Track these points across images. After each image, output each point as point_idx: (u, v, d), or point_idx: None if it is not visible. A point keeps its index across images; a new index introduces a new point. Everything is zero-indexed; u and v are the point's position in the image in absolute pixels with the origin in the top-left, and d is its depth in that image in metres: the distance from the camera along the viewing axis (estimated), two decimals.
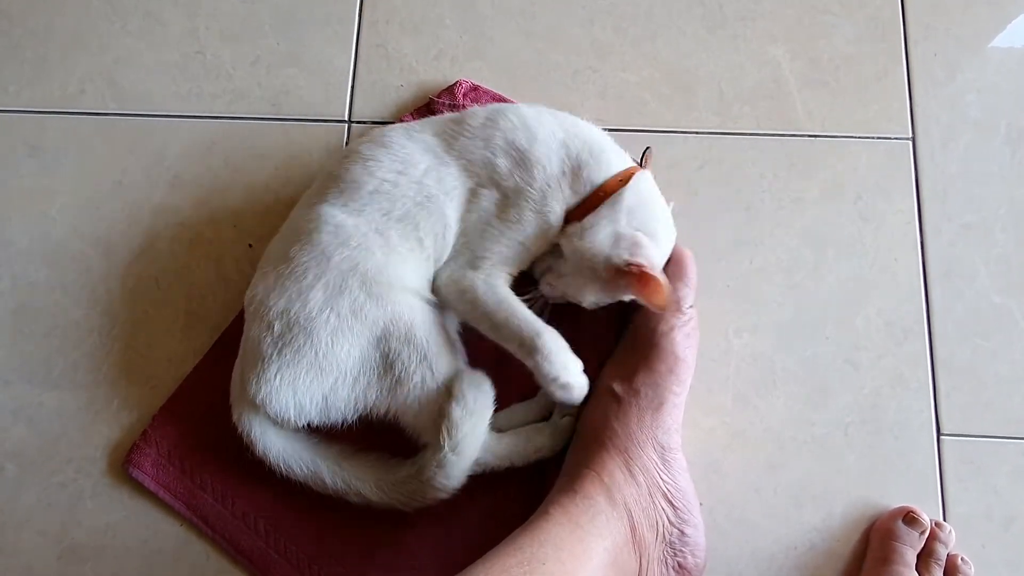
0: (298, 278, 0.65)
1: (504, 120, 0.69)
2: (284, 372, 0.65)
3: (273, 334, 0.65)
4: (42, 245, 0.80)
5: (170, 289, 0.78)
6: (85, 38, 0.86)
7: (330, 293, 0.65)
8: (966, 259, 0.78)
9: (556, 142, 0.68)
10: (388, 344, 0.65)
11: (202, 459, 0.72)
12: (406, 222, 0.67)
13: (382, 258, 0.66)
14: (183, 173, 0.81)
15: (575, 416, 0.70)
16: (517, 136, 0.68)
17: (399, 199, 0.67)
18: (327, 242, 0.66)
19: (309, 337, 0.64)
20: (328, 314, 0.64)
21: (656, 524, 0.63)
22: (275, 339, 0.65)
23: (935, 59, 0.83)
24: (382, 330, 0.65)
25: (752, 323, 0.76)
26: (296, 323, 0.65)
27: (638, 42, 0.85)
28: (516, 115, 0.69)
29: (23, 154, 0.82)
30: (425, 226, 0.67)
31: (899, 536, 0.68)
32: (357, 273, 0.65)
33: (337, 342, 0.64)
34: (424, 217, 0.67)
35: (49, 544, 0.72)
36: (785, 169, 0.80)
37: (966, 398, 0.74)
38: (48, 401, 0.75)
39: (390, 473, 0.67)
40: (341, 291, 0.65)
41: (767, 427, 0.74)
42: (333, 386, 0.65)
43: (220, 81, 0.84)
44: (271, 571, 0.70)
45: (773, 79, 0.83)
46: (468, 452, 0.64)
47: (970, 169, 0.80)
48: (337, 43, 0.85)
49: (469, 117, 0.70)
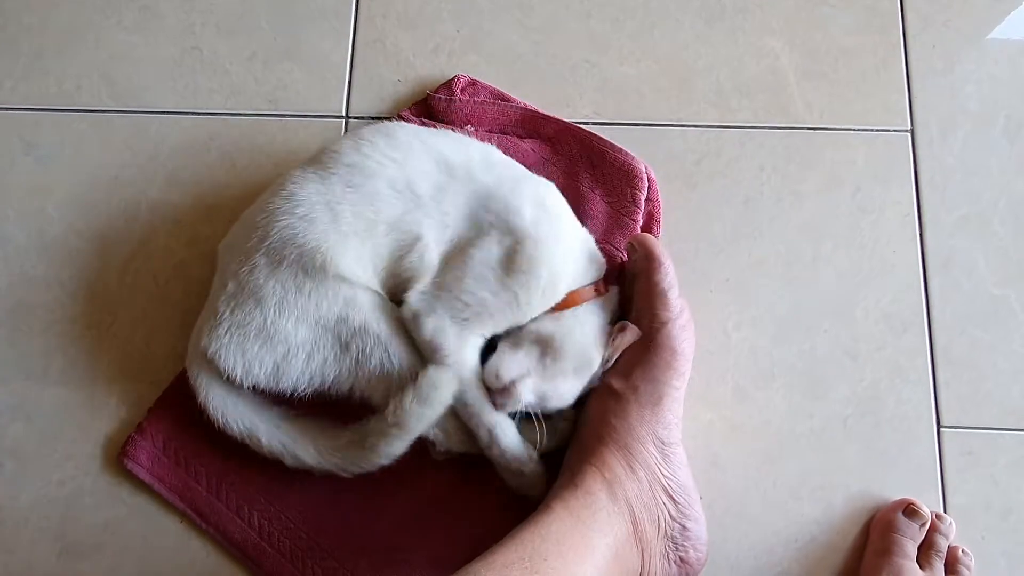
0: (247, 239, 0.66)
1: (537, 182, 0.71)
2: (234, 332, 0.65)
3: (227, 292, 0.66)
4: (39, 241, 0.79)
5: (168, 286, 0.78)
6: (80, 33, 0.85)
7: (272, 261, 0.65)
8: (965, 251, 0.78)
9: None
10: (341, 328, 0.65)
11: (197, 452, 0.72)
12: (366, 203, 0.65)
13: (321, 234, 0.65)
14: (180, 170, 0.81)
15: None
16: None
17: (375, 178, 0.66)
18: (276, 207, 0.66)
19: (259, 304, 0.65)
20: (273, 284, 0.65)
21: (657, 519, 0.63)
22: (228, 297, 0.66)
23: (934, 51, 0.83)
24: (336, 317, 0.64)
25: (751, 316, 0.76)
26: (246, 287, 0.65)
27: (636, 35, 0.85)
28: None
29: (19, 151, 0.82)
30: (388, 214, 0.66)
31: (899, 528, 0.68)
32: (295, 245, 0.65)
33: (283, 315, 0.64)
34: (395, 208, 0.66)
35: (48, 541, 0.72)
36: (783, 162, 0.80)
37: (965, 390, 0.74)
38: (46, 398, 0.75)
39: (331, 439, 0.67)
40: (280, 262, 0.65)
41: (766, 420, 0.74)
42: (285, 356, 0.65)
43: (216, 77, 0.84)
44: (264, 564, 0.70)
45: (771, 71, 0.83)
46: (414, 431, 0.64)
47: (969, 161, 0.80)
48: (334, 38, 0.85)
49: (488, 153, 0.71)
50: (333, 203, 0.66)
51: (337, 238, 0.65)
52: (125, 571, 0.71)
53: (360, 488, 0.71)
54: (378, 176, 0.67)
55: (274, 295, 0.65)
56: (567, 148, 0.78)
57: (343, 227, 0.65)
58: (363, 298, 0.66)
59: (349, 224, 0.65)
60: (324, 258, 0.64)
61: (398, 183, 0.67)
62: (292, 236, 0.65)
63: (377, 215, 0.66)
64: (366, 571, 0.69)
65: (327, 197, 0.66)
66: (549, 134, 0.79)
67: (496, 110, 0.80)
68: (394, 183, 0.66)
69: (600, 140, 0.78)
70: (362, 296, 0.66)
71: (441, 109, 0.80)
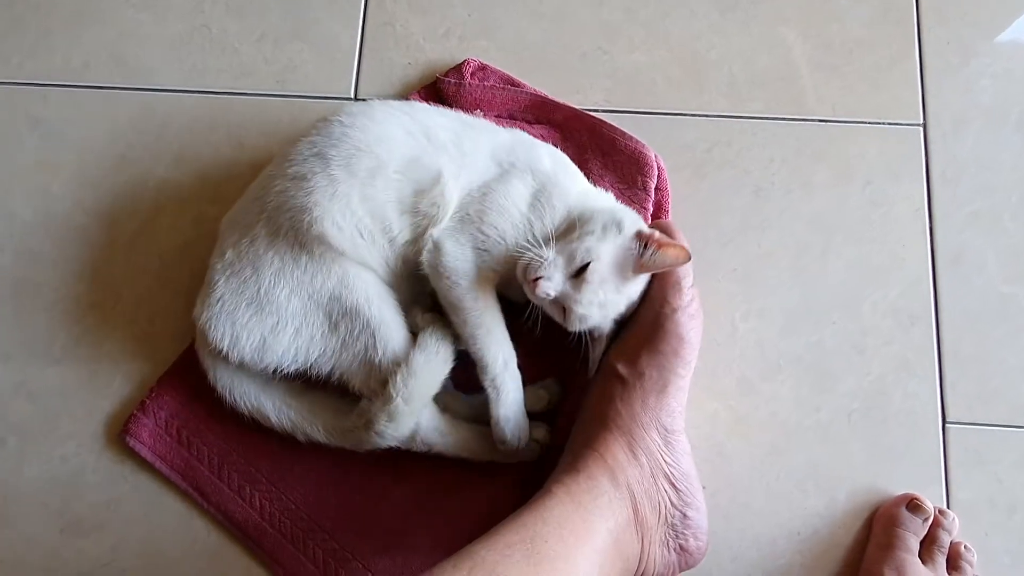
0: (247, 211, 0.67)
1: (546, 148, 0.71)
2: (226, 301, 0.65)
3: (224, 260, 0.66)
4: (45, 219, 0.79)
5: (173, 265, 0.78)
6: (89, 10, 0.85)
7: (270, 231, 0.65)
8: (975, 247, 0.77)
9: None
10: (333, 306, 0.65)
11: (199, 431, 0.72)
12: (371, 145, 0.65)
13: (310, 188, 0.64)
14: (186, 149, 0.81)
15: (541, 442, 0.69)
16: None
17: (385, 124, 0.66)
18: (271, 172, 0.67)
19: (255, 273, 0.65)
20: (272, 255, 0.65)
21: (659, 506, 0.63)
22: (225, 266, 0.66)
23: (948, 45, 0.83)
24: (329, 294, 0.64)
25: (759, 307, 0.76)
26: (245, 256, 0.66)
27: (648, 23, 0.84)
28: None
29: (26, 127, 0.82)
30: (401, 155, 0.65)
31: (903, 523, 0.68)
32: (286, 209, 0.65)
33: (278, 286, 0.65)
34: (409, 150, 0.65)
35: (51, 517, 0.72)
36: (794, 153, 0.80)
37: (972, 386, 0.74)
38: (50, 376, 0.75)
39: (338, 419, 0.67)
40: (277, 232, 0.65)
41: (772, 412, 0.74)
42: (273, 329, 0.65)
43: (225, 56, 0.84)
44: (265, 543, 0.70)
45: (784, 62, 0.82)
46: (418, 403, 0.64)
47: (981, 156, 0.80)
48: (344, 19, 0.84)
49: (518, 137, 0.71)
50: (326, 149, 0.65)
51: (327, 186, 0.64)
52: (127, 549, 0.71)
53: (363, 471, 0.71)
54: (388, 122, 0.66)
55: (271, 265, 0.65)
56: (577, 135, 0.78)
57: (333, 170, 0.64)
58: (359, 279, 0.65)
59: (342, 168, 0.64)
60: (311, 216, 0.64)
61: (412, 129, 0.67)
62: (285, 200, 0.65)
63: (388, 155, 0.65)
64: (367, 553, 0.69)
65: (320, 147, 0.65)
66: (559, 120, 0.79)
67: (506, 95, 0.79)
68: (408, 128, 0.66)
69: (610, 127, 0.77)
70: (358, 276, 0.65)
71: (450, 93, 0.79)
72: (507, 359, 0.66)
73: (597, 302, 0.63)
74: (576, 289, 0.62)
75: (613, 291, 0.64)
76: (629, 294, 0.65)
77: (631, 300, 0.66)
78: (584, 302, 0.62)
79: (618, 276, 0.64)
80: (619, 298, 0.65)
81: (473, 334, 0.65)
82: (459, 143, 0.67)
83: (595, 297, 0.63)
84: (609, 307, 0.64)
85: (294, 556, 0.70)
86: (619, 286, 0.64)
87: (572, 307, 0.63)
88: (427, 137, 0.67)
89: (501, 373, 0.65)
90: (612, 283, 0.63)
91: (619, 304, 0.65)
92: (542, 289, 0.61)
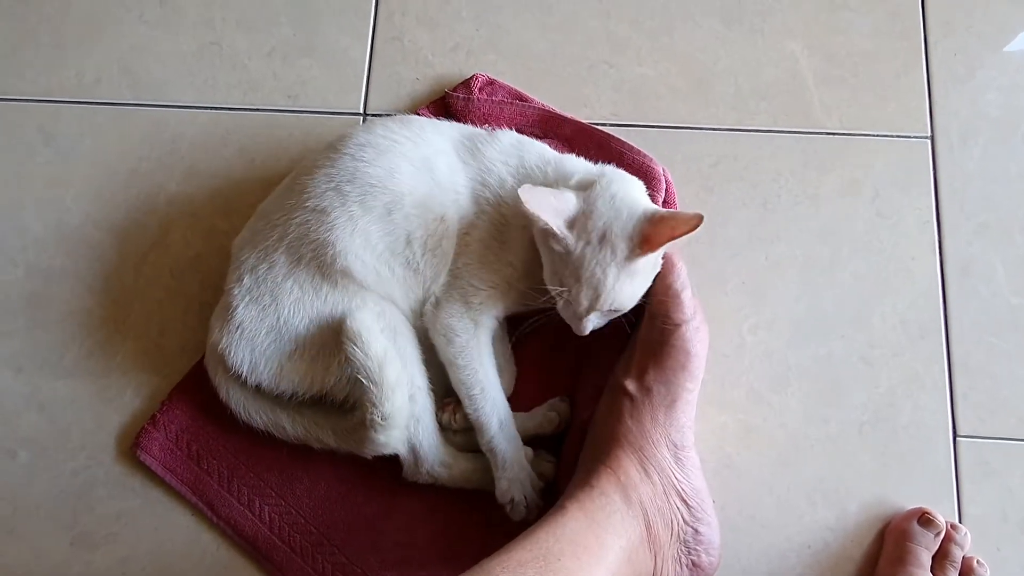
0: (266, 236, 0.67)
1: (531, 147, 0.71)
2: (246, 327, 0.66)
3: (243, 286, 0.66)
4: (57, 233, 0.80)
5: (184, 279, 0.78)
6: (101, 26, 0.86)
7: (291, 260, 0.66)
8: (983, 258, 0.77)
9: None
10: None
11: (209, 445, 0.72)
12: (382, 178, 0.65)
13: (331, 222, 0.64)
14: (197, 164, 0.81)
15: (548, 478, 0.70)
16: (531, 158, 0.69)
17: (390, 153, 0.66)
18: (291, 203, 0.66)
19: (275, 300, 0.66)
20: (291, 284, 0.66)
21: (671, 523, 0.63)
22: (243, 291, 0.66)
23: (955, 57, 0.83)
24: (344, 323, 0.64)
25: (767, 320, 0.76)
26: (264, 282, 0.66)
27: (654, 36, 0.84)
28: (536, 145, 0.71)
29: (38, 142, 0.83)
30: (414, 192, 0.65)
31: (914, 537, 0.68)
32: (309, 240, 0.65)
33: (298, 313, 0.65)
34: (420, 185, 0.66)
35: (61, 530, 0.72)
36: (801, 166, 0.80)
37: (982, 399, 0.74)
38: (61, 388, 0.75)
39: (343, 420, 0.68)
40: (299, 261, 0.66)
41: (781, 424, 0.73)
42: (291, 356, 0.66)
43: (236, 72, 0.84)
44: (275, 558, 0.70)
45: (790, 75, 0.83)
46: (400, 424, 0.65)
47: (989, 168, 0.79)
48: (353, 35, 0.85)
49: (501, 134, 0.71)
50: (342, 184, 0.65)
51: (347, 223, 0.65)
52: (136, 562, 0.71)
53: (371, 485, 0.71)
54: (392, 152, 0.67)
55: (291, 294, 0.65)
56: (584, 149, 0.78)
57: (351, 207, 0.65)
58: (368, 312, 0.65)
59: (358, 204, 0.65)
60: (334, 250, 0.65)
61: (415, 159, 0.67)
62: (307, 232, 0.65)
63: (402, 190, 0.65)
64: (376, 567, 0.69)
65: (337, 181, 0.66)
66: (567, 135, 0.79)
67: (514, 110, 0.80)
68: (411, 159, 0.67)
69: (618, 141, 0.78)
70: (369, 309, 0.65)
71: (459, 108, 0.80)
72: (502, 420, 0.67)
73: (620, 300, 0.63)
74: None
75: (629, 283, 0.63)
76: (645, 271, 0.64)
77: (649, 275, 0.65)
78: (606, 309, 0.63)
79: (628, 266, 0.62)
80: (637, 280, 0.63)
81: (469, 394, 0.67)
82: (453, 178, 0.68)
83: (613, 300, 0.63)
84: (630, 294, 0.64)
85: (303, 570, 0.70)
86: (632, 272, 0.63)
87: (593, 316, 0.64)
88: (430, 171, 0.67)
89: (497, 435, 0.67)
90: (627, 277, 0.62)
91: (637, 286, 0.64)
92: (583, 331, 0.64)
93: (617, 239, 0.61)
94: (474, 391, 0.67)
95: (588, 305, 0.62)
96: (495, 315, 0.68)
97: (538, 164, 0.69)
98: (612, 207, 0.62)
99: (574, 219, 0.62)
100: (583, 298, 0.62)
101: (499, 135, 0.71)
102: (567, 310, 0.64)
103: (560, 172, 0.68)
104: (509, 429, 0.68)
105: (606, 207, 0.62)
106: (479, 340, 0.67)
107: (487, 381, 0.67)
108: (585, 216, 0.62)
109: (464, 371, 0.67)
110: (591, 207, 0.62)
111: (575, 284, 0.62)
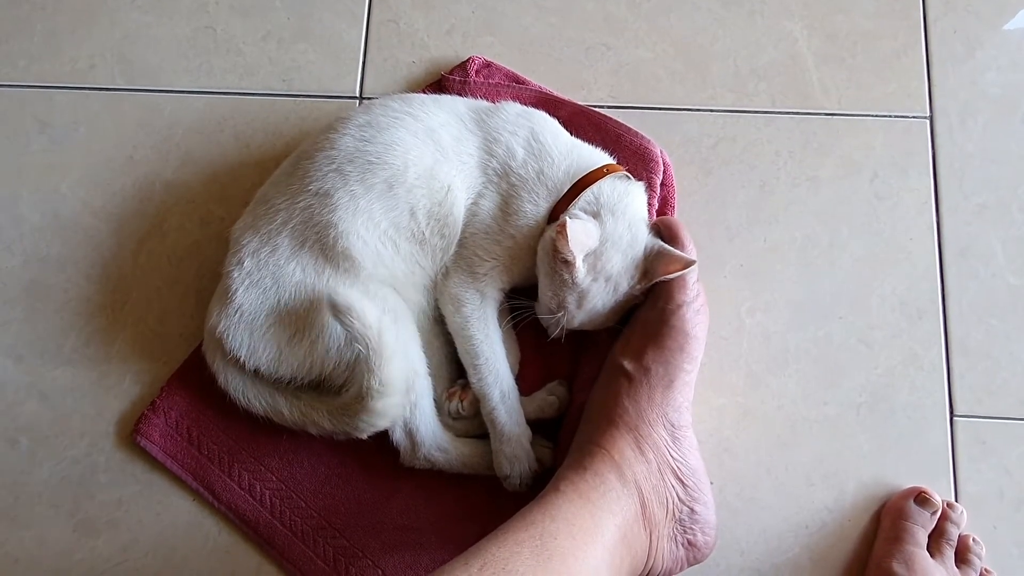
0: (270, 220, 0.67)
1: (541, 120, 0.71)
2: (246, 310, 0.66)
3: (243, 270, 0.66)
4: (53, 221, 0.80)
5: (181, 266, 0.78)
6: (95, 12, 0.85)
7: (294, 243, 0.66)
8: (982, 239, 0.77)
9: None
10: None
11: (209, 430, 0.73)
12: (383, 154, 0.65)
13: (334, 204, 0.65)
14: (193, 149, 0.81)
15: (546, 464, 0.70)
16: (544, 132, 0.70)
17: (391, 129, 0.67)
18: (294, 187, 0.66)
19: (276, 283, 0.66)
20: (294, 267, 0.65)
21: (666, 501, 0.63)
22: (244, 275, 0.66)
23: (955, 36, 0.82)
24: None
25: (765, 301, 0.76)
26: (266, 266, 0.66)
27: (652, 17, 0.84)
28: (546, 119, 0.72)
29: (33, 129, 0.82)
30: (418, 163, 0.66)
31: (911, 516, 0.68)
32: (312, 224, 0.65)
33: (299, 297, 0.65)
34: (423, 157, 0.66)
35: (63, 517, 0.73)
36: (800, 147, 0.80)
37: (980, 379, 0.74)
38: (61, 376, 0.76)
39: (339, 399, 0.67)
40: (302, 244, 0.66)
41: (779, 406, 0.74)
42: (291, 340, 0.66)
43: (230, 56, 0.84)
44: (275, 541, 0.70)
45: (789, 55, 0.82)
46: (397, 391, 0.65)
47: (988, 148, 0.79)
48: (348, 18, 0.84)
49: (506, 105, 0.72)
50: (343, 164, 0.66)
51: (349, 203, 0.65)
52: (138, 548, 0.72)
53: (371, 468, 0.72)
54: (393, 127, 0.67)
55: (293, 277, 0.65)
56: (582, 131, 0.77)
57: (353, 186, 0.65)
58: (378, 296, 0.65)
59: (359, 182, 0.65)
60: (336, 231, 0.65)
61: (418, 130, 0.67)
62: (311, 216, 0.65)
63: (403, 163, 0.66)
64: (377, 550, 0.70)
65: (338, 162, 0.66)
66: (564, 117, 0.78)
67: (511, 92, 0.79)
68: (413, 130, 0.67)
69: (615, 123, 0.77)
70: (377, 293, 0.66)
71: (455, 90, 0.79)
72: (505, 392, 0.68)
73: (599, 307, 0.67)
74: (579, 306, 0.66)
75: (619, 308, 0.67)
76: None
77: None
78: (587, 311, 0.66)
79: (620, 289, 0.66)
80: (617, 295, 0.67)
81: (473, 363, 0.68)
82: (459, 147, 0.68)
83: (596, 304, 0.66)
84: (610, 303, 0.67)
85: (304, 553, 0.70)
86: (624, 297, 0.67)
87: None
88: (433, 140, 0.67)
89: (498, 406, 0.67)
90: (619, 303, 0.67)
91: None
92: (559, 338, 0.67)
93: (621, 278, 0.65)
94: (478, 360, 0.67)
95: (579, 326, 0.67)
96: (500, 287, 0.69)
97: (553, 143, 0.69)
98: (623, 245, 0.65)
99: (591, 253, 0.65)
100: (576, 321, 0.67)
101: (504, 106, 0.71)
102: (550, 319, 0.67)
103: (572, 161, 0.69)
104: (512, 403, 0.68)
105: (616, 248, 0.65)
106: (485, 312, 0.68)
107: (492, 352, 0.68)
108: (597, 255, 0.65)
109: (470, 341, 0.68)
110: (603, 246, 0.65)
111: (575, 309, 0.66)
